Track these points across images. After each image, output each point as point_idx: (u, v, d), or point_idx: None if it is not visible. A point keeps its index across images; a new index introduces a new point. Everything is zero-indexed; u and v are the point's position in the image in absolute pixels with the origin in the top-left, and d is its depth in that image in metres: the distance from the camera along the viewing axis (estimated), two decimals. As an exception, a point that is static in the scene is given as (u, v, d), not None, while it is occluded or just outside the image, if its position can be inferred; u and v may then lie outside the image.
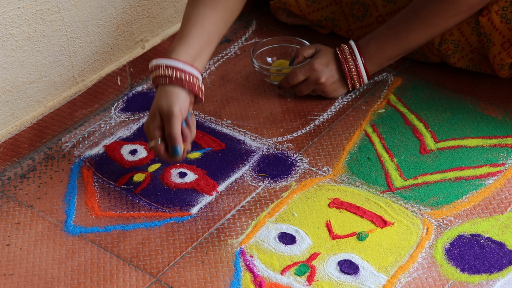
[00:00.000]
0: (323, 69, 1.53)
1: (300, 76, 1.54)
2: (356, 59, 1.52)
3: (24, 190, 1.40)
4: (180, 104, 1.30)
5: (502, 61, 1.51)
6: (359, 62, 1.53)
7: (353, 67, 1.53)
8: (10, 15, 1.35)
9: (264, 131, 1.51)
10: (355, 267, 1.23)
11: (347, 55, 1.52)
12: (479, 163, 1.42)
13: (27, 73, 1.43)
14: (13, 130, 1.44)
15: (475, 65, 1.59)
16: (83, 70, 1.54)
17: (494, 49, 1.52)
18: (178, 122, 1.29)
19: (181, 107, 1.30)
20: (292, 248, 1.27)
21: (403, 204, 1.34)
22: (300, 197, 1.36)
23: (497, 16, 1.50)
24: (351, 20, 1.69)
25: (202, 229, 1.31)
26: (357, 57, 1.52)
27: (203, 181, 1.40)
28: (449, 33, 1.56)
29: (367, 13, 1.66)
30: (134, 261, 1.26)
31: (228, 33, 1.78)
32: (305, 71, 1.53)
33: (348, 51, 1.53)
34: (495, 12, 1.50)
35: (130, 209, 1.35)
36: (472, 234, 1.28)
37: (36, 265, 1.26)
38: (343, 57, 1.53)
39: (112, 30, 1.56)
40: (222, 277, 1.23)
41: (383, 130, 1.50)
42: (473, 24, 1.55)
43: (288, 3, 1.72)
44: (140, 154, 1.46)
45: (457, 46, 1.57)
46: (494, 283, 1.21)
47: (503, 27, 1.50)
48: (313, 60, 1.54)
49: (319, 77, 1.53)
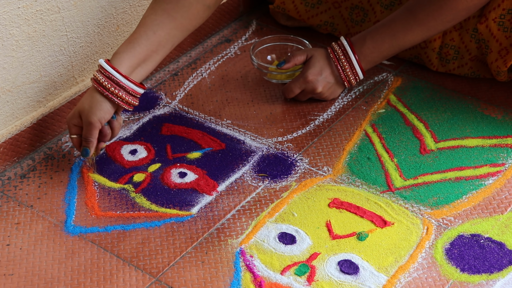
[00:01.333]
0: (317, 78, 1.52)
1: (295, 90, 1.53)
2: (350, 57, 1.51)
3: (24, 190, 1.40)
4: (100, 115, 1.36)
5: (498, 68, 1.51)
6: (353, 61, 1.51)
7: (347, 66, 1.51)
8: (10, 15, 1.35)
9: (264, 131, 1.51)
10: (355, 267, 1.23)
11: (339, 55, 1.51)
12: (479, 163, 1.42)
13: (27, 73, 1.43)
14: (13, 130, 1.44)
15: (474, 72, 1.59)
16: (83, 70, 1.54)
17: (491, 55, 1.52)
18: (95, 130, 1.37)
19: (100, 118, 1.36)
20: (292, 248, 1.27)
21: (403, 204, 1.34)
22: (300, 197, 1.36)
23: (495, 24, 1.50)
24: (350, 24, 1.69)
25: (202, 229, 1.31)
26: (351, 56, 1.51)
27: (203, 181, 1.40)
28: (449, 38, 1.56)
29: (366, 18, 1.66)
30: (134, 261, 1.26)
31: (228, 33, 1.79)
32: (300, 84, 1.53)
33: (340, 50, 1.51)
34: (493, 20, 1.50)
35: (130, 209, 1.35)
36: (472, 234, 1.28)
37: (36, 265, 1.26)
38: (335, 56, 1.51)
39: (112, 30, 1.56)
40: (222, 277, 1.23)
41: (383, 130, 1.50)
42: (471, 32, 1.55)
43: (287, 9, 1.72)
44: (140, 154, 1.46)
45: (457, 53, 1.57)
46: (494, 283, 1.21)
47: (500, 34, 1.50)
48: (306, 71, 1.52)
49: (315, 88, 1.52)
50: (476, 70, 1.58)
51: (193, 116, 1.55)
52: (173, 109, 1.57)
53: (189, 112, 1.56)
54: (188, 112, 1.56)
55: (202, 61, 1.71)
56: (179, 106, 1.58)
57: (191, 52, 1.73)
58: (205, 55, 1.72)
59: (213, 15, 1.75)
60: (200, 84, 1.64)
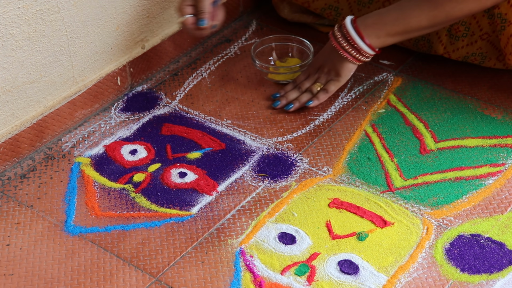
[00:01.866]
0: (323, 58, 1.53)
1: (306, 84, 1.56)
2: (349, 33, 1.47)
3: (24, 190, 1.40)
4: None
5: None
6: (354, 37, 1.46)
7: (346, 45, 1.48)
8: (10, 15, 1.35)
9: (264, 131, 1.51)
10: (355, 267, 1.23)
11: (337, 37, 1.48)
12: (479, 163, 1.42)
13: (27, 73, 1.42)
14: (13, 130, 1.44)
15: (482, 53, 1.56)
16: (83, 70, 1.54)
17: (509, 29, 1.48)
18: (208, 2, 1.46)
19: None
20: (292, 248, 1.27)
21: (403, 204, 1.34)
22: (300, 197, 1.36)
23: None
24: (356, 7, 1.67)
25: (202, 229, 1.31)
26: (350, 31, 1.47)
27: (203, 181, 1.40)
28: None
29: None
30: (134, 261, 1.26)
31: (228, 33, 1.78)
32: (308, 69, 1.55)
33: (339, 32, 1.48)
34: None
35: (130, 209, 1.35)
36: (472, 234, 1.28)
37: (36, 265, 1.26)
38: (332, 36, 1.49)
39: (112, 30, 1.56)
40: (222, 277, 1.23)
41: (383, 130, 1.50)
42: None
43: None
44: (140, 154, 1.46)
45: (468, 29, 1.54)
46: (494, 283, 1.21)
47: None
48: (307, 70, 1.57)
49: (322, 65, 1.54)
50: (485, 51, 1.56)
51: (193, 116, 1.55)
52: (173, 109, 1.57)
53: (189, 112, 1.56)
54: (188, 112, 1.56)
55: (202, 61, 1.71)
56: (179, 106, 1.58)
57: (191, 52, 1.73)
58: (205, 55, 1.72)
59: (213, 15, 1.75)
60: (200, 84, 1.64)
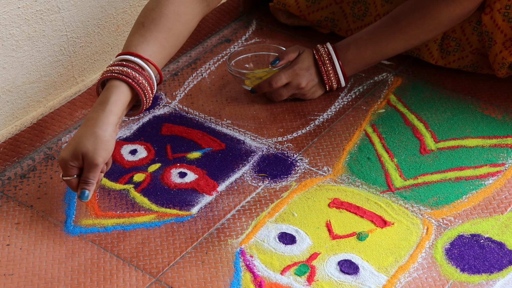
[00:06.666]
0: (304, 74, 1.53)
1: (284, 79, 1.53)
2: (334, 62, 1.52)
3: (24, 190, 1.40)
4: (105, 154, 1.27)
5: (503, 59, 1.51)
6: (336, 66, 1.53)
7: (331, 71, 1.53)
8: (10, 15, 1.35)
9: (264, 131, 1.51)
10: (355, 267, 1.23)
11: (325, 59, 1.53)
12: (479, 163, 1.42)
13: (27, 73, 1.43)
14: (13, 130, 1.44)
15: (473, 65, 1.59)
16: (83, 70, 1.54)
17: (495, 47, 1.52)
18: (98, 171, 1.28)
19: (105, 158, 1.27)
20: (292, 248, 1.27)
21: (403, 204, 1.34)
22: (300, 197, 1.36)
23: (500, 15, 1.50)
24: (351, 20, 1.69)
25: (202, 229, 1.31)
26: (335, 61, 1.52)
27: (203, 181, 1.40)
28: (451, 30, 1.57)
29: (367, 12, 1.66)
30: (134, 261, 1.26)
31: (228, 33, 1.78)
32: (289, 74, 1.53)
33: (325, 54, 1.53)
34: (498, 11, 1.50)
35: (130, 209, 1.35)
36: (472, 234, 1.28)
37: (36, 265, 1.26)
38: (320, 58, 1.53)
39: (112, 30, 1.56)
40: (222, 277, 1.23)
41: (383, 130, 1.50)
42: (474, 24, 1.55)
43: (288, 4, 1.72)
44: (140, 154, 1.46)
45: (458, 45, 1.57)
46: (494, 283, 1.21)
47: (505, 25, 1.50)
48: (295, 65, 1.53)
49: (300, 82, 1.53)
50: (476, 62, 1.59)
51: (193, 116, 1.55)
52: (173, 109, 1.57)
53: (189, 112, 1.56)
54: (188, 112, 1.56)
55: (202, 61, 1.71)
56: (179, 106, 1.58)
57: (191, 52, 1.73)
58: (205, 55, 1.72)
59: (213, 15, 1.75)
60: (200, 84, 1.64)
